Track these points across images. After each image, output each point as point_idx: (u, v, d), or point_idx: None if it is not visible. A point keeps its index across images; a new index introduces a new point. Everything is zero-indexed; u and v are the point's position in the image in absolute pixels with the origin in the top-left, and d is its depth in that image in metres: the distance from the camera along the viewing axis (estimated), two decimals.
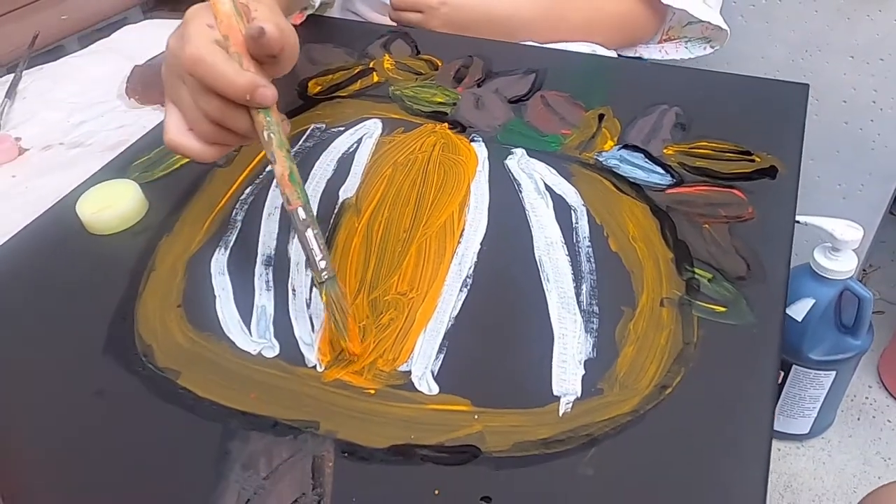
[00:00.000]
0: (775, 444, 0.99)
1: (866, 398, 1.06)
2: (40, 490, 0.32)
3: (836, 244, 0.80)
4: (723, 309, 0.38)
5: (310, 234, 0.36)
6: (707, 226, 0.43)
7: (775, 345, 0.36)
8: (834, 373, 0.89)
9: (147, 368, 0.37)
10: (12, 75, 0.69)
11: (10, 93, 0.66)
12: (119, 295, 0.41)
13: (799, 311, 0.85)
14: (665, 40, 0.78)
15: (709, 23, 0.73)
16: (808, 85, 0.54)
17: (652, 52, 0.77)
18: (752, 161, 0.47)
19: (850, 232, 0.79)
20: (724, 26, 0.74)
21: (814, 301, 0.84)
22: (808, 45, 0.90)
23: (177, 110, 0.38)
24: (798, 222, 0.78)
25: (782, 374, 0.90)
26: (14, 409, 0.36)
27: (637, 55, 0.76)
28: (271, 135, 0.36)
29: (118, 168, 0.51)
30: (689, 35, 0.78)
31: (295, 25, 0.67)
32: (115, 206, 0.46)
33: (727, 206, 0.44)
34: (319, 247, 0.36)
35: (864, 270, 1.20)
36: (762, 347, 0.36)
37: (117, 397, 0.36)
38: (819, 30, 0.88)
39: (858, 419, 1.03)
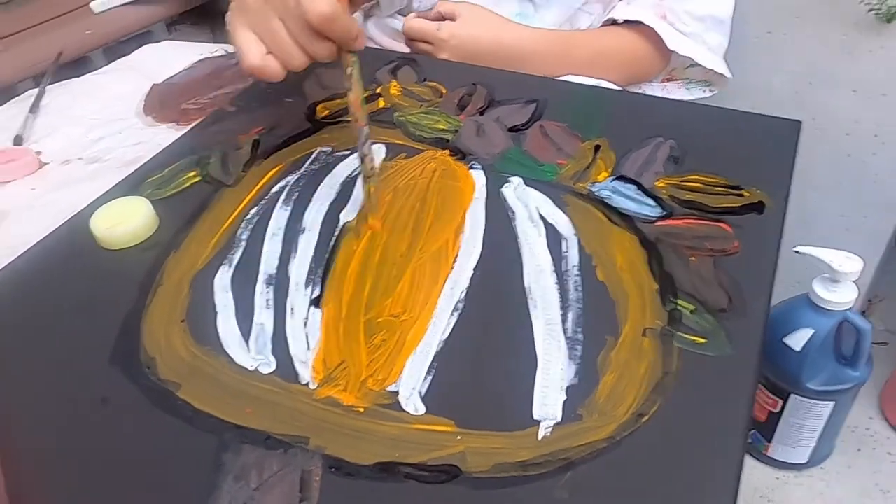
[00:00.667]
0: (773, 472, 1.00)
1: (867, 429, 1.06)
2: (45, 488, 0.34)
3: (835, 275, 0.81)
4: (703, 340, 0.39)
5: (369, 144, 0.47)
6: (693, 258, 0.44)
7: (751, 376, 0.37)
8: (832, 403, 0.89)
9: (149, 380, 0.39)
10: (37, 90, 0.72)
11: (34, 107, 0.69)
12: (127, 308, 0.43)
13: (798, 340, 0.86)
14: (667, 80, 0.81)
15: (712, 69, 0.75)
16: (800, 122, 0.55)
17: (655, 90, 0.79)
18: (741, 196, 0.49)
19: (848, 263, 0.80)
20: (727, 73, 0.76)
21: (813, 331, 0.85)
22: (812, 78, 0.91)
23: (255, 38, 0.44)
24: (798, 252, 0.80)
25: (780, 402, 0.91)
26: (24, 411, 0.38)
27: (640, 91, 0.78)
28: (353, 71, 0.45)
29: (132, 185, 0.54)
30: (690, 77, 0.80)
31: None
32: (128, 222, 0.48)
33: (714, 239, 0.45)
34: (371, 152, 0.48)
35: (868, 301, 1.20)
36: (738, 379, 0.37)
37: (120, 406, 0.37)
38: (822, 63, 0.89)
39: (858, 450, 1.03)
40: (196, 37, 2.10)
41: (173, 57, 0.78)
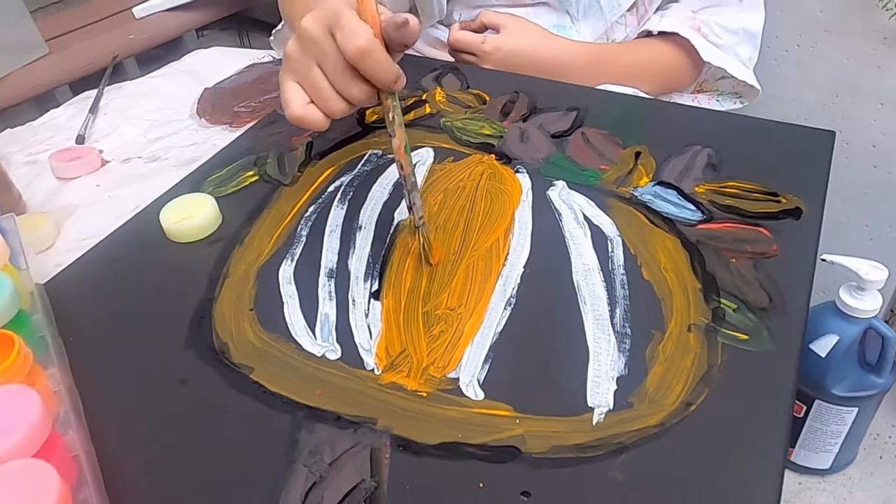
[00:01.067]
0: (796, 476, 1.01)
1: (889, 437, 1.07)
2: (133, 465, 0.37)
3: (862, 283, 0.83)
4: (745, 337, 0.41)
5: (415, 193, 0.45)
6: (734, 260, 0.46)
7: (793, 371, 0.39)
8: (856, 409, 0.90)
9: (224, 363, 0.41)
10: (95, 91, 0.75)
11: (94, 108, 0.73)
12: (198, 297, 0.46)
13: (823, 346, 0.87)
14: (698, 91, 0.83)
15: (743, 81, 0.77)
16: (834, 132, 0.57)
17: (685, 101, 0.81)
18: (779, 202, 0.51)
19: (875, 272, 0.81)
20: (757, 85, 0.78)
21: (838, 338, 0.86)
22: (839, 90, 0.93)
23: (297, 87, 0.44)
24: (824, 261, 0.82)
25: (805, 407, 0.92)
26: (109, 393, 0.40)
27: (671, 101, 0.80)
28: (395, 115, 0.44)
29: (194, 182, 0.57)
30: (721, 89, 0.82)
31: None
32: (195, 217, 0.51)
33: (753, 242, 0.48)
34: (419, 201, 0.46)
35: (892, 310, 1.21)
36: (780, 373, 0.39)
37: (199, 386, 0.40)
38: (850, 76, 0.91)
39: (881, 457, 1.04)
40: (224, 41, 2.15)
41: (220, 62, 0.81)
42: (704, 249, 0.47)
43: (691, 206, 0.51)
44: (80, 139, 0.68)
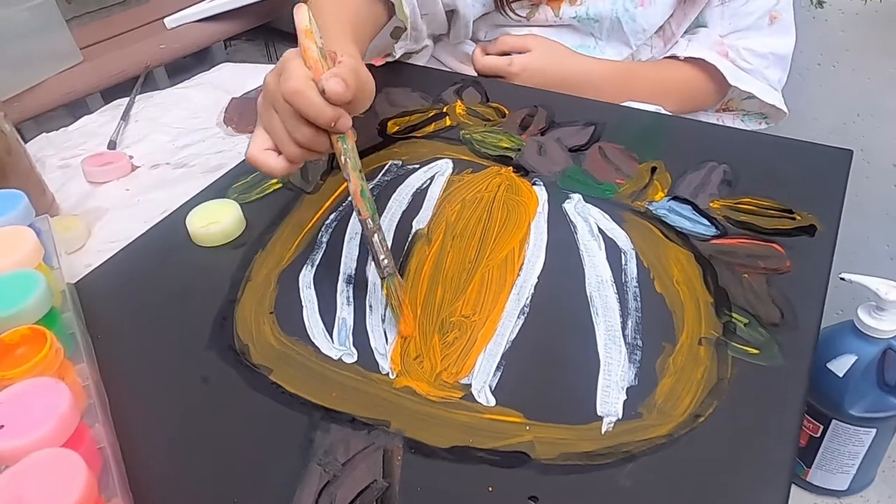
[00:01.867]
0: (813, 497, 1.00)
1: None
2: (154, 458, 0.38)
3: (881, 303, 0.82)
4: (756, 351, 0.42)
5: (376, 238, 0.44)
6: (746, 275, 0.47)
7: (802, 387, 0.39)
8: (874, 430, 0.89)
9: (244, 364, 0.43)
10: (127, 99, 0.78)
11: (125, 115, 0.75)
12: (220, 299, 0.47)
13: (841, 366, 0.87)
14: (724, 110, 0.83)
15: (771, 104, 0.77)
16: (851, 151, 0.57)
17: (710, 118, 0.82)
18: (793, 219, 0.51)
19: (894, 292, 0.81)
20: (784, 108, 0.78)
21: (856, 358, 0.86)
22: (860, 109, 0.92)
23: (264, 133, 0.45)
24: (843, 279, 0.81)
25: (821, 427, 0.91)
26: (133, 391, 0.42)
27: (689, 118, 0.81)
28: (347, 158, 0.43)
29: (219, 189, 0.58)
30: (747, 109, 0.82)
31: (376, 67, 0.74)
32: (220, 222, 0.52)
33: (766, 258, 0.48)
34: (383, 248, 0.44)
35: None
36: (790, 388, 0.39)
37: (219, 385, 0.42)
38: (871, 96, 0.91)
39: None
40: (251, 52, 2.20)
41: (247, 74, 0.83)
42: (717, 264, 0.48)
43: (705, 222, 0.52)
44: (112, 145, 0.70)
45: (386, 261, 0.44)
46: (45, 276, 0.44)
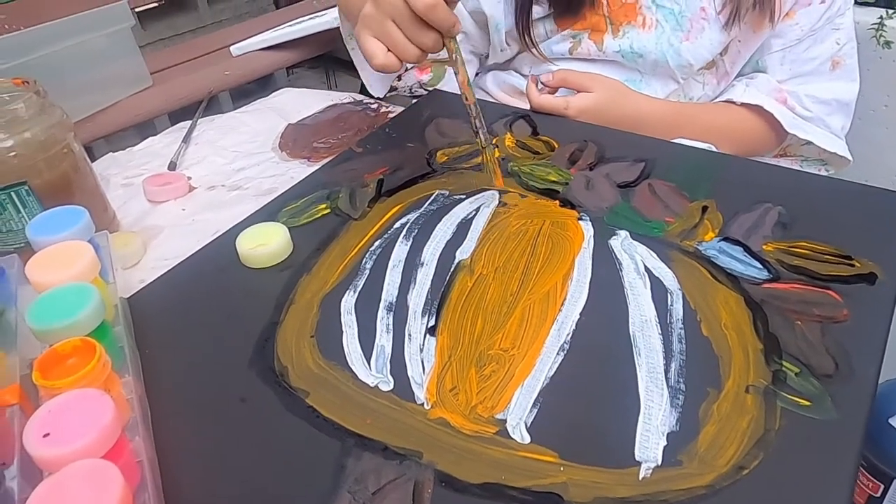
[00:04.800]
0: None
1: None
2: (189, 474, 0.39)
3: None
4: (807, 403, 0.40)
5: (479, 120, 0.57)
6: (799, 322, 0.45)
7: (857, 443, 0.37)
8: None
9: (282, 386, 0.43)
10: (190, 122, 0.81)
11: (187, 138, 0.78)
12: (265, 321, 0.48)
13: None
14: (781, 155, 0.80)
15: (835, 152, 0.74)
16: None
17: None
18: (852, 265, 0.49)
19: None
20: (848, 156, 0.75)
21: None
22: None
23: (376, 42, 0.53)
24: None
25: (882, 486, 0.86)
26: (173, 407, 0.43)
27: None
28: (457, 55, 0.55)
29: (270, 212, 0.60)
30: (806, 155, 0.79)
31: (426, 96, 0.75)
32: (268, 244, 0.54)
33: (822, 305, 0.46)
34: (483, 126, 0.58)
35: None
36: (843, 445, 0.37)
37: (257, 406, 0.42)
38: None
39: None
40: (312, 79, 2.26)
41: (307, 101, 0.86)
42: (769, 309, 0.46)
43: (758, 265, 0.50)
44: (172, 166, 0.73)
45: (483, 134, 0.58)
46: (100, 290, 0.46)
